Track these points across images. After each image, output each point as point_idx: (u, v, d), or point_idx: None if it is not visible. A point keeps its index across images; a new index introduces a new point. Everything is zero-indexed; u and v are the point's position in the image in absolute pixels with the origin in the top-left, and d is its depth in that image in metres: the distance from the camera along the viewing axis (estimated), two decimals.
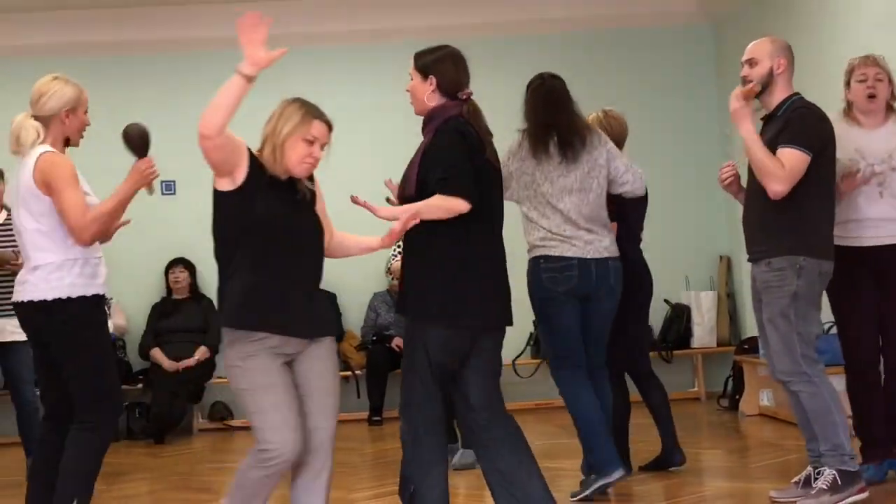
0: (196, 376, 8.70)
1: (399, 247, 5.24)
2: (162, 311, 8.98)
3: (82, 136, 4.54)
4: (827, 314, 6.57)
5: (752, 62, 4.92)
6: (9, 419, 6.75)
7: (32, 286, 4.33)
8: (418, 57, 4.21)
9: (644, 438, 6.20)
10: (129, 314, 9.03)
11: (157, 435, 8.31)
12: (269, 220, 3.77)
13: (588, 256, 5.19)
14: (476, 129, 4.10)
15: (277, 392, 3.73)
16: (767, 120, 4.97)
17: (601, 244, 5.23)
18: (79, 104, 4.43)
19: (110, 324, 8.68)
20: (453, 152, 3.99)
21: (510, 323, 4.20)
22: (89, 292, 4.35)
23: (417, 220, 3.91)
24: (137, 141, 4.31)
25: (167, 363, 8.62)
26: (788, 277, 4.73)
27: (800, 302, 4.74)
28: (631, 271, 5.46)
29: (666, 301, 9.23)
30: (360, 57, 9.44)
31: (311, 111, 3.89)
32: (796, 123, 4.77)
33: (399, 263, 4.31)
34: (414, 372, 4.05)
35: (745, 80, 4.94)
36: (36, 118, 4.39)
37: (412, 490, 4.03)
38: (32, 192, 4.31)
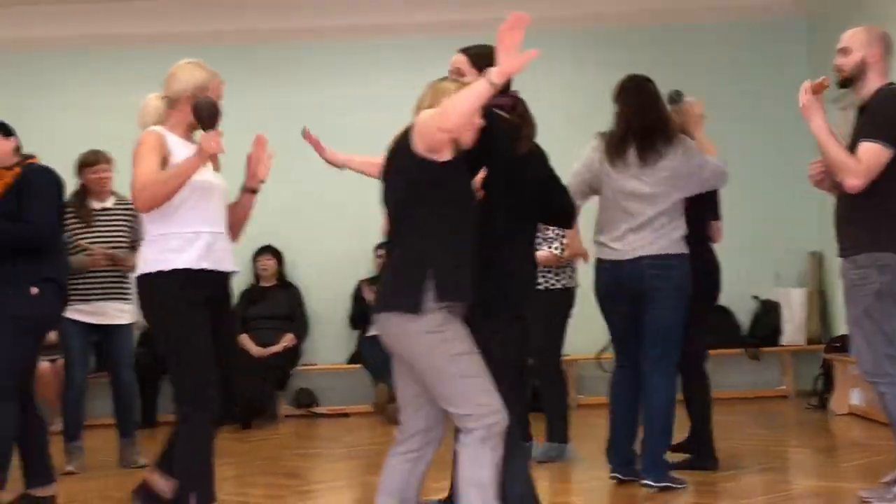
0: (282, 363, 8.79)
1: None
2: (250, 298, 9.09)
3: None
4: None
5: (845, 51, 4.81)
6: (104, 400, 6.87)
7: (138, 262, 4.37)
8: (473, 52, 4.21)
9: (728, 436, 6.12)
10: None
11: (243, 420, 8.41)
12: (464, 190, 3.78)
13: (624, 258, 5.23)
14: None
15: (476, 357, 3.69)
16: (861, 110, 4.86)
17: (638, 243, 5.22)
18: (207, 89, 4.38)
19: None
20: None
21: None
22: (167, 267, 4.21)
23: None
24: (205, 113, 4.31)
25: (254, 349, 8.73)
26: (872, 275, 4.62)
27: (885, 300, 4.63)
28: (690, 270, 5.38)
29: (755, 297, 9.11)
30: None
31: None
32: (877, 114, 4.65)
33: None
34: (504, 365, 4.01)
35: (837, 69, 4.84)
36: (166, 101, 4.41)
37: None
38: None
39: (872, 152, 4.59)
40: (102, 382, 7.16)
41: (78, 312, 6.48)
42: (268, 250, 9.15)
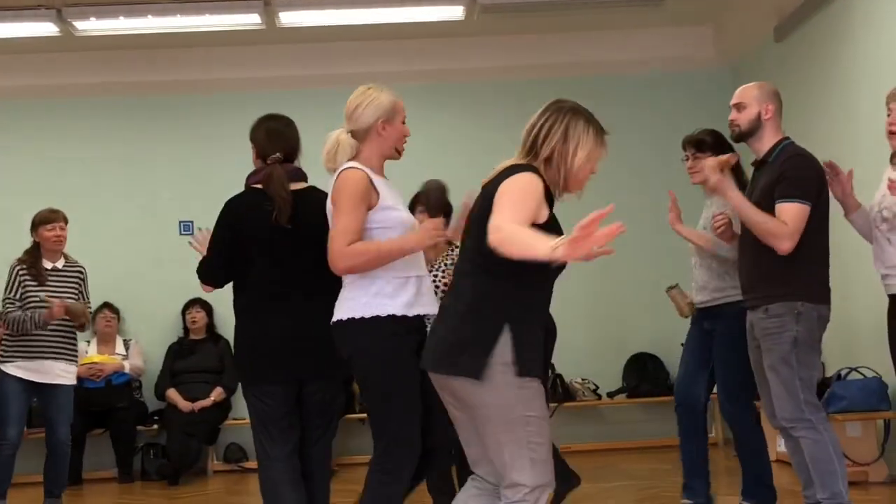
0: (212, 417, 8.70)
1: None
2: (178, 352, 9.01)
3: (402, 148, 4.27)
4: (842, 360, 6.53)
5: (739, 106, 4.95)
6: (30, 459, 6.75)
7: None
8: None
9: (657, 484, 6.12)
10: (146, 354, 9.05)
11: (172, 476, 8.30)
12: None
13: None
14: None
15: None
16: (759, 165, 4.98)
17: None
18: (395, 113, 4.20)
19: (126, 364, 8.75)
20: None
21: None
22: (383, 313, 4.03)
23: None
24: (432, 197, 4.26)
25: (182, 403, 8.64)
26: (788, 323, 4.72)
27: (801, 347, 4.72)
28: None
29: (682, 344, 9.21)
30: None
31: (600, 130, 3.70)
32: (791, 174, 4.76)
33: None
34: None
35: (731, 124, 4.97)
36: (352, 134, 4.21)
37: None
38: (329, 210, 4.15)
39: (796, 212, 4.70)
40: (30, 440, 7.03)
41: (21, 370, 6.40)
42: (197, 302, 9.08)
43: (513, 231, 3.29)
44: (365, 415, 6.50)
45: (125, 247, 9.19)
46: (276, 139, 4.59)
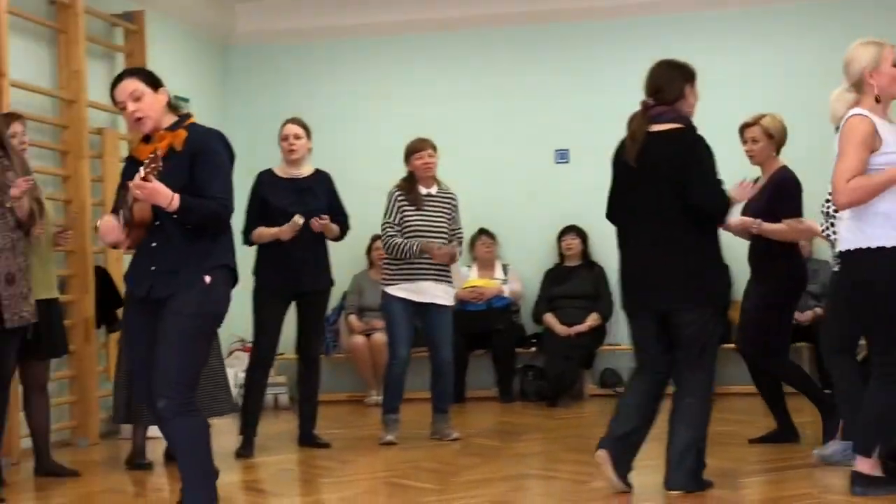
0: (588, 342, 8.84)
1: None
2: (554, 278, 9.18)
3: None
4: None
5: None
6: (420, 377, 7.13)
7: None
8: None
9: None
10: (523, 279, 9.30)
11: (550, 397, 8.52)
12: None
13: None
14: None
15: None
16: None
17: None
18: (880, 60, 4.66)
19: (506, 288, 9.05)
20: None
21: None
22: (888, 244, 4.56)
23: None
24: None
25: (559, 328, 8.82)
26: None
27: None
28: None
29: None
30: None
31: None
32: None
33: None
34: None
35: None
36: (853, 86, 4.74)
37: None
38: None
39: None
40: (417, 359, 7.44)
41: (404, 291, 6.76)
42: (572, 230, 9.20)
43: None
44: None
45: (502, 175, 9.42)
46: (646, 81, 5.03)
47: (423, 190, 6.89)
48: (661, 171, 4.84)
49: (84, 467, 6.09)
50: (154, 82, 4.34)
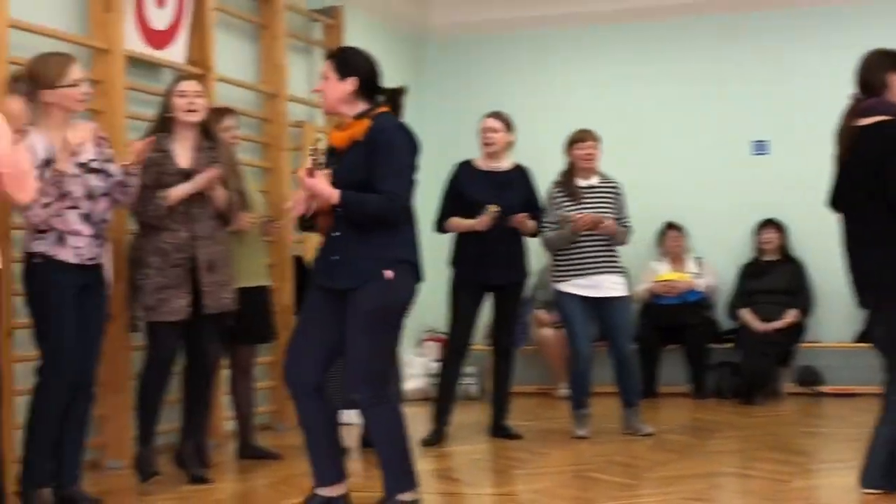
0: (785, 339, 8.59)
1: None
2: (751, 272, 8.96)
3: None
4: None
5: None
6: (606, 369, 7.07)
7: None
8: None
9: None
10: (717, 273, 9.11)
11: (745, 395, 8.32)
12: None
13: None
14: None
15: None
16: None
17: None
18: None
19: (699, 282, 8.88)
20: None
21: None
22: None
23: None
24: None
25: (756, 324, 8.60)
26: None
27: None
28: None
29: None
30: None
31: None
32: None
33: None
34: None
35: None
36: None
37: None
38: None
39: None
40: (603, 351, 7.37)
41: (576, 287, 6.72)
42: (770, 223, 8.97)
43: None
44: None
45: (692, 166, 9.24)
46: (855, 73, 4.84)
47: (581, 182, 6.83)
48: (866, 167, 4.66)
49: (284, 451, 6.27)
50: (343, 70, 4.33)
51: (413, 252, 4.35)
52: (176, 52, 6.56)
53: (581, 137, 6.87)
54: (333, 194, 4.20)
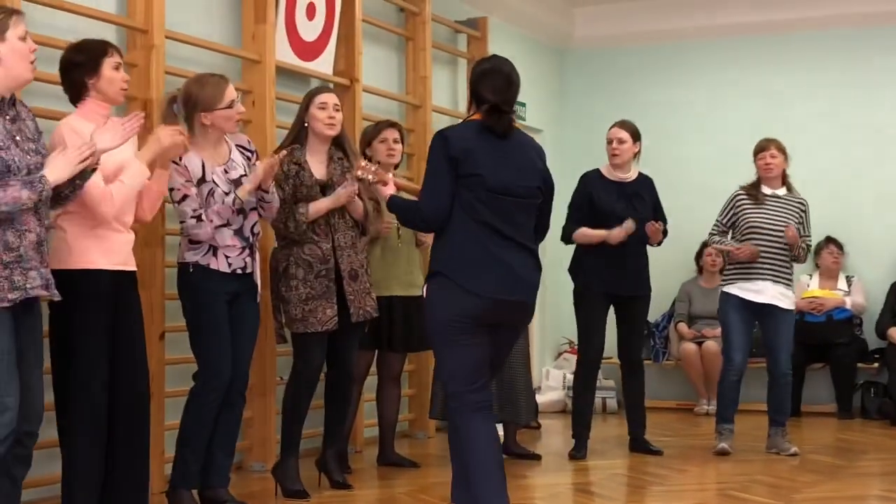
0: None
1: None
2: None
3: None
4: None
5: None
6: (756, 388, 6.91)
7: None
8: None
9: None
10: (867, 291, 8.85)
11: (893, 416, 8.07)
12: None
13: None
14: None
15: None
16: None
17: None
18: None
19: (848, 300, 8.64)
20: None
21: None
22: None
23: None
24: None
25: None
26: None
27: None
28: None
29: None
30: None
31: None
32: None
33: None
34: None
35: None
36: None
37: None
38: None
39: None
40: (753, 369, 7.23)
41: (741, 290, 6.60)
42: None
43: None
44: None
45: (854, 181, 9.00)
46: None
47: (767, 190, 6.72)
48: None
49: (422, 459, 6.31)
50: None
51: (448, 263, 4.17)
52: (324, 64, 6.68)
53: (761, 147, 6.80)
54: (386, 197, 4.41)
